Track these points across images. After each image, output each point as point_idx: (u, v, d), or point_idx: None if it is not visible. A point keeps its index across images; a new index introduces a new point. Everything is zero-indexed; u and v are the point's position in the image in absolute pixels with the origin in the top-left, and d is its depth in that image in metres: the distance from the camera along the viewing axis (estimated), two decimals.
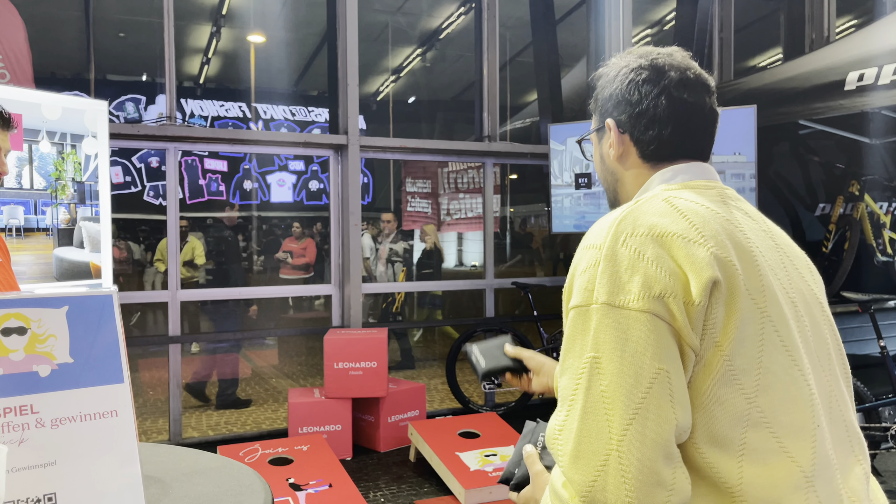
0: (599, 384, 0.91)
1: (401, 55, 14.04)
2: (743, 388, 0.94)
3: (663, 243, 0.96)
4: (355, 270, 5.30)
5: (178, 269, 5.00)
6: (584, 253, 1.00)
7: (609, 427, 0.89)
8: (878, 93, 4.10)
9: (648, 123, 1.12)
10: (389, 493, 3.99)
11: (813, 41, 5.88)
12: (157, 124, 4.94)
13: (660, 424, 0.89)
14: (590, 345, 0.93)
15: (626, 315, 0.92)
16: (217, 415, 5.92)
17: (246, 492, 1.21)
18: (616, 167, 1.19)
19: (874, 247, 5.76)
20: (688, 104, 1.12)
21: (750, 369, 0.95)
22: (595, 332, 0.93)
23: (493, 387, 5.36)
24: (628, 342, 0.91)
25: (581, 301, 0.96)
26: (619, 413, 0.89)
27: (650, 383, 0.90)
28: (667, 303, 0.92)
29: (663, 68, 1.13)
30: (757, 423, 0.94)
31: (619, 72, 1.16)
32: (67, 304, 1.00)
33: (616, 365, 0.91)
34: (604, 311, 0.93)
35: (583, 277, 0.98)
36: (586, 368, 0.93)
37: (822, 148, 5.97)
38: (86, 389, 1.00)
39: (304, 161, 14.81)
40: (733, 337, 0.94)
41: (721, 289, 0.95)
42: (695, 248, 0.96)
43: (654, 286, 0.93)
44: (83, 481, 0.97)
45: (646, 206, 1.02)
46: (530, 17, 6.52)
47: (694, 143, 1.14)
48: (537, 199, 16.61)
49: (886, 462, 4.30)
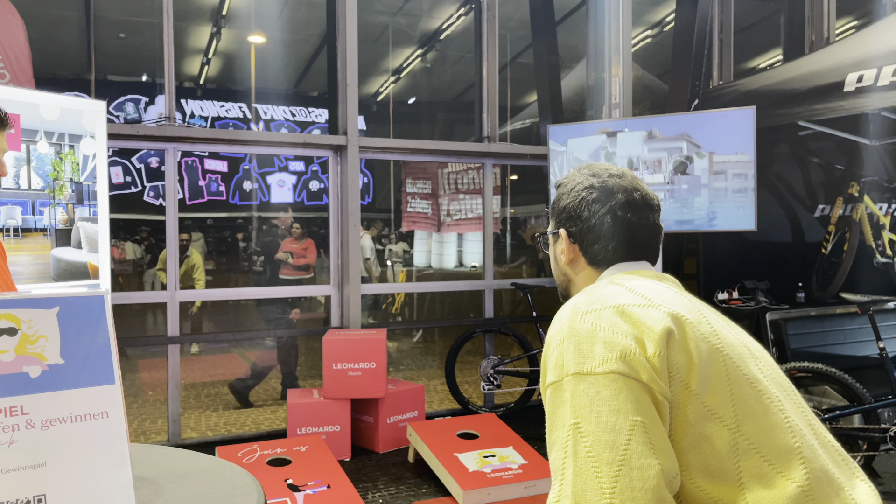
0: (584, 446, 0.97)
1: (401, 56, 14.04)
2: (724, 421, 1.02)
3: (617, 312, 1.06)
4: (354, 271, 5.30)
5: (177, 269, 5.00)
6: (551, 335, 1.11)
7: (600, 484, 0.94)
8: (878, 94, 4.10)
9: (595, 238, 1.27)
10: (388, 494, 3.99)
11: (813, 42, 5.88)
12: (156, 125, 4.94)
13: (644, 472, 0.94)
14: (569, 414, 1.00)
15: (595, 379, 1.00)
16: (216, 415, 5.92)
17: (239, 493, 1.21)
18: (567, 270, 1.34)
19: (873, 248, 5.75)
20: (631, 223, 1.26)
21: (724, 404, 1.03)
22: (571, 400, 1.00)
23: (492, 388, 5.36)
24: (601, 402, 0.98)
25: (554, 377, 1.05)
26: (606, 468, 0.94)
27: (629, 435, 0.96)
28: (629, 361, 1.01)
29: (612, 190, 1.27)
30: (747, 451, 1.01)
31: (575, 187, 1.30)
32: (59, 305, 1.00)
33: (595, 425, 0.97)
34: (575, 380, 1.01)
35: (552, 356, 1.07)
36: (570, 435, 0.99)
37: (821, 149, 5.96)
38: (76, 390, 0.99)
39: (304, 162, 14.82)
40: (699, 377, 1.03)
41: (675, 337, 1.04)
42: (647, 310, 1.07)
43: (614, 349, 1.02)
44: (74, 483, 0.97)
45: (598, 288, 1.15)
46: (530, 18, 6.51)
47: (634, 253, 1.27)
48: (537, 201, 16.62)
49: (885, 464, 4.29)
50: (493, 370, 5.34)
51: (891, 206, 5.96)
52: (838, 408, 3.85)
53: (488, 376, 5.34)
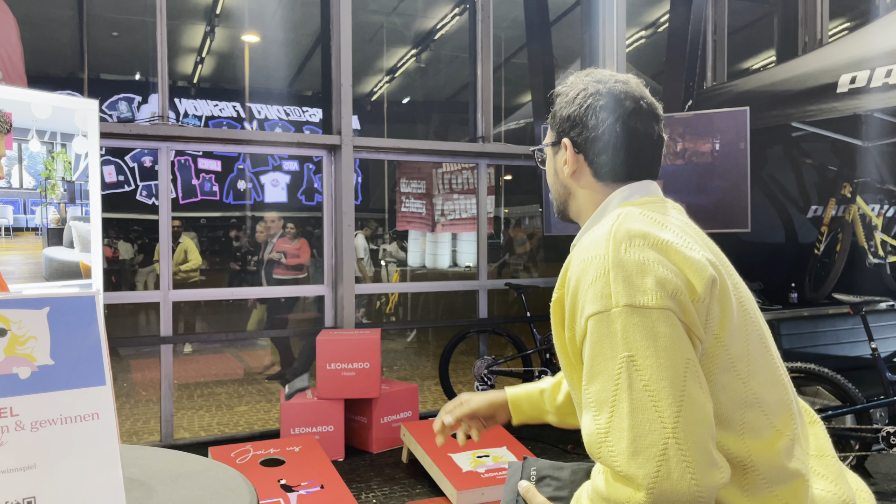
0: (640, 380, 0.95)
1: (395, 56, 14.03)
2: (739, 374, 1.05)
3: (661, 249, 1.03)
4: (348, 271, 5.29)
5: (170, 269, 4.98)
6: (587, 265, 1.04)
7: (661, 418, 0.93)
8: (871, 95, 4.11)
9: (603, 148, 1.22)
10: (381, 495, 3.98)
11: (806, 44, 5.90)
12: (149, 124, 4.92)
13: (702, 408, 0.95)
14: (620, 345, 0.97)
15: (649, 313, 0.98)
16: (209, 415, 5.90)
17: (231, 495, 1.20)
18: (569, 182, 1.28)
19: (866, 249, 5.77)
20: (639, 133, 1.22)
21: (742, 357, 1.06)
22: (623, 332, 0.98)
23: (486, 388, 5.35)
24: (658, 337, 0.97)
25: (600, 307, 1.00)
26: (668, 403, 0.93)
27: (685, 372, 0.96)
28: (679, 300, 1.00)
29: (620, 97, 1.21)
30: (751, 404, 1.05)
31: (579, 94, 1.25)
32: (49, 306, 0.99)
33: (653, 359, 0.95)
34: (627, 312, 0.98)
35: (595, 286, 1.02)
36: (623, 368, 0.96)
37: (814, 150, 5.98)
38: (67, 392, 0.98)
39: (298, 161, 14.79)
40: (728, 329, 1.04)
41: (716, 286, 1.04)
42: (689, 252, 1.04)
43: (666, 286, 1.00)
44: (63, 485, 0.96)
45: (631, 220, 1.09)
46: (525, 18, 6.51)
47: (643, 167, 1.23)
48: (531, 201, 16.62)
49: (878, 464, 4.30)
50: (487, 370, 5.34)
51: (883, 208, 5.99)
52: (831, 408, 3.86)
53: (482, 376, 5.34)
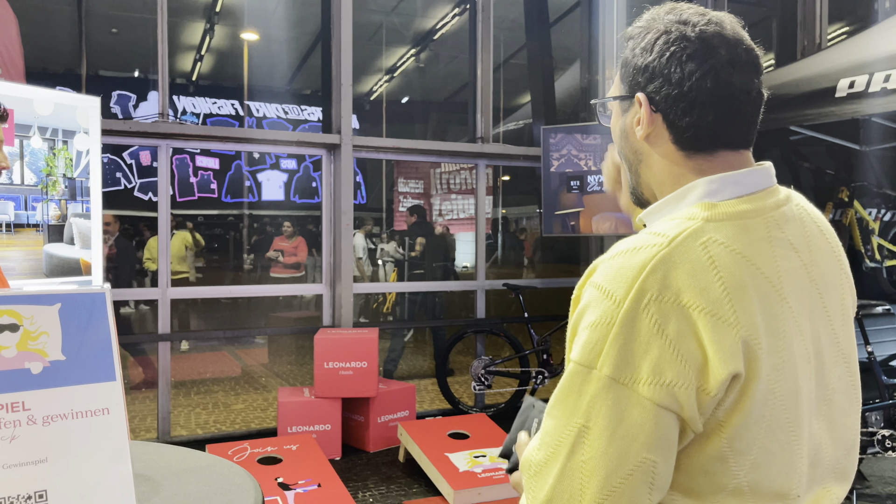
0: (582, 455, 0.87)
1: (394, 55, 14.04)
2: (730, 468, 0.90)
3: (689, 317, 0.85)
4: (346, 270, 5.30)
5: (169, 266, 4.98)
6: (600, 301, 0.89)
7: (581, 498, 0.86)
8: (869, 100, 4.13)
9: (688, 107, 0.96)
10: (378, 494, 3.99)
11: (804, 48, 5.92)
12: (149, 121, 4.92)
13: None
14: (582, 410, 0.87)
15: (629, 395, 0.85)
16: (206, 413, 5.90)
17: (236, 491, 1.21)
18: (642, 147, 1.03)
19: (863, 253, 5.80)
20: (735, 88, 0.96)
21: (747, 451, 0.90)
22: (591, 400, 0.87)
23: (483, 388, 5.37)
24: (622, 424, 0.85)
25: (583, 360, 0.88)
26: (593, 490, 0.85)
27: (632, 470, 0.85)
28: (675, 393, 0.85)
29: (712, 43, 0.95)
30: (736, 493, 0.91)
31: (659, 38, 0.98)
32: (60, 302, 1.00)
33: (603, 444, 0.86)
34: (606, 384, 0.86)
35: (592, 333, 0.88)
36: (573, 434, 0.88)
37: (812, 154, 6.01)
38: (78, 387, 0.99)
39: (296, 160, 14.78)
40: (739, 423, 0.88)
41: (739, 380, 0.87)
42: (723, 329, 0.86)
43: (665, 372, 0.84)
44: (74, 479, 0.97)
45: (681, 257, 0.89)
46: (525, 19, 6.53)
47: (736, 132, 0.99)
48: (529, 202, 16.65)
49: (872, 467, 4.33)
50: (485, 370, 5.35)
51: (880, 212, 6.02)
52: None
53: (479, 376, 5.35)
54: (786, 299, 0.93)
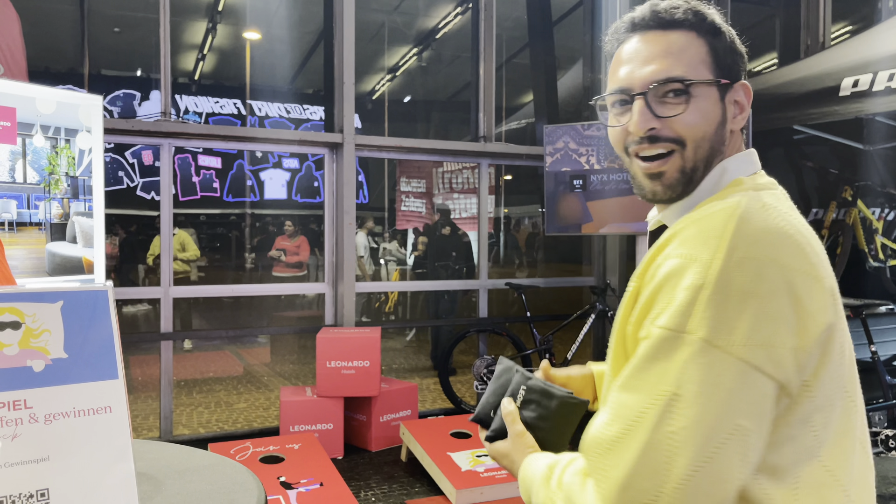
0: (671, 425, 0.82)
1: (397, 54, 14.04)
2: (814, 426, 0.89)
3: (785, 274, 0.85)
4: (349, 269, 5.29)
5: (171, 265, 4.99)
6: (686, 265, 0.86)
7: (668, 471, 0.81)
8: (873, 99, 4.12)
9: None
10: (380, 493, 3.99)
11: (808, 47, 5.91)
12: (152, 120, 4.92)
13: (720, 483, 0.82)
14: (672, 378, 0.83)
15: (724, 359, 0.82)
16: (208, 412, 5.91)
17: (239, 490, 1.21)
18: (730, 137, 1.04)
19: (866, 252, 5.78)
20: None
21: (823, 407, 0.90)
22: (683, 366, 0.83)
23: (485, 387, 5.36)
24: (717, 390, 0.82)
25: (674, 325, 0.85)
26: (685, 461, 0.81)
27: (725, 439, 0.82)
28: (772, 353, 0.83)
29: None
30: (811, 456, 0.90)
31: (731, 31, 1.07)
32: (62, 300, 0.99)
33: (697, 412, 0.82)
34: (700, 347, 0.83)
35: (681, 296, 0.85)
36: (661, 402, 0.83)
37: (815, 153, 5.99)
38: (80, 385, 0.99)
39: (298, 159, 14.79)
40: (821, 377, 0.88)
41: (831, 332, 0.88)
42: (815, 285, 0.87)
43: (763, 330, 0.83)
44: (76, 477, 0.96)
45: (755, 216, 0.89)
46: (527, 18, 6.53)
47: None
48: (532, 201, 16.64)
49: (877, 467, 4.30)
50: (487, 370, 5.35)
51: (884, 211, 6.00)
52: None
53: (482, 376, 5.35)
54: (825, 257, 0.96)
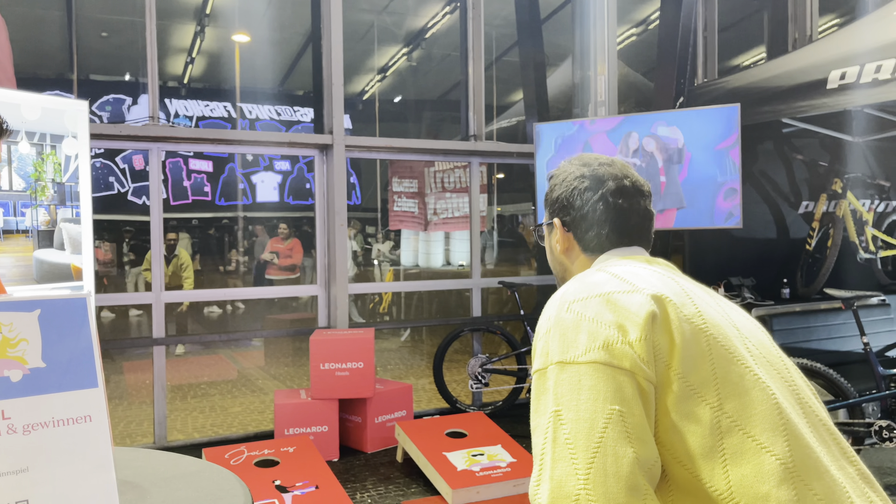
0: (563, 433, 0.99)
1: (386, 54, 14.02)
2: (706, 399, 1.03)
3: (602, 300, 1.08)
4: (341, 271, 5.28)
5: (163, 270, 4.96)
6: (540, 325, 1.13)
7: (576, 470, 0.96)
8: (860, 91, 4.13)
9: (588, 225, 1.31)
10: (377, 494, 3.98)
11: (796, 40, 5.92)
12: (139, 124, 4.90)
13: (618, 459, 0.96)
14: (551, 401, 1.02)
15: (577, 368, 1.02)
16: (202, 416, 5.88)
17: (225, 496, 1.20)
18: (563, 259, 1.37)
19: (857, 244, 5.80)
20: (622, 208, 1.30)
21: (707, 382, 1.04)
22: (554, 388, 1.03)
23: (480, 386, 5.36)
24: (581, 390, 1.01)
25: (539, 365, 1.07)
26: (582, 455, 0.97)
27: (605, 424, 0.98)
28: (611, 350, 1.03)
29: (602, 177, 1.31)
30: (730, 429, 1.02)
31: (566, 178, 1.35)
32: (40, 308, 0.98)
33: (574, 413, 1.00)
34: (558, 368, 1.04)
35: (539, 345, 1.10)
36: (550, 422, 1.01)
37: (805, 146, 6.01)
38: (58, 394, 0.98)
39: (290, 161, 14.76)
40: (681, 357, 1.04)
41: (658, 320, 1.06)
42: (631, 296, 1.09)
43: (597, 338, 1.04)
44: (56, 488, 0.95)
45: (586, 276, 1.17)
46: (516, 16, 6.52)
47: (630, 240, 1.32)
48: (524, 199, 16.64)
49: (870, 458, 4.33)
50: (481, 369, 5.34)
51: (874, 203, 6.02)
52: (824, 402, 3.88)
53: (476, 375, 5.34)
54: (682, 283, 1.17)
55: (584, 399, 1.00)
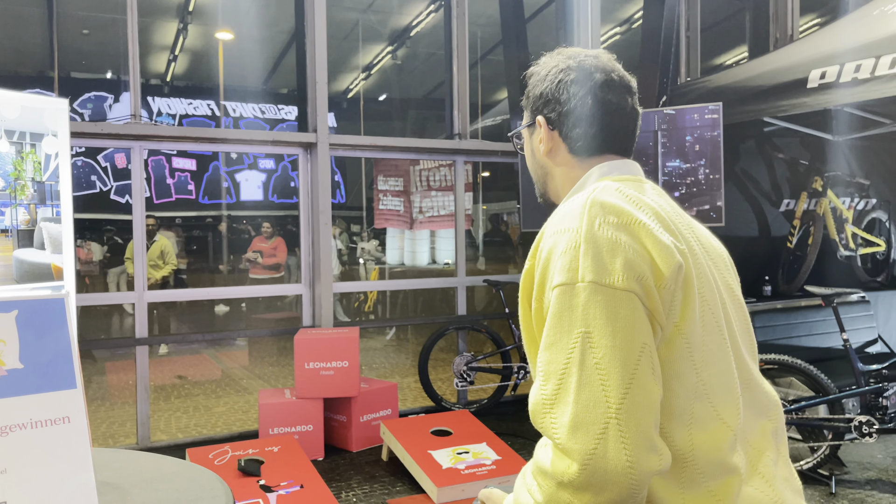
0: (593, 357, 0.95)
1: (371, 53, 13.98)
2: (694, 363, 1.04)
3: (632, 231, 1.02)
4: (326, 269, 5.27)
5: (145, 269, 4.92)
6: (560, 236, 1.04)
7: (606, 397, 0.93)
8: (840, 90, 4.18)
9: (575, 122, 1.22)
10: (362, 493, 3.97)
11: (777, 40, 5.97)
12: (121, 122, 4.85)
13: (649, 393, 0.95)
14: (579, 320, 0.97)
15: (613, 293, 0.97)
16: (186, 417, 5.85)
17: (206, 497, 1.19)
18: (546, 161, 1.28)
19: (837, 242, 5.87)
20: (611, 104, 1.21)
21: (697, 346, 1.04)
22: (584, 308, 0.98)
23: (465, 384, 5.36)
24: (618, 318, 0.96)
25: (566, 279, 1.00)
26: (615, 384, 0.93)
27: (639, 356, 0.96)
28: (644, 284, 0.99)
29: (590, 70, 1.21)
30: (700, 395, 1.04)
31: (550, 71, 1.24)
32: (17, 309, 0.97)
33: (609, 339, 0.95)
34: (591, 289, 0.98)
35: (564, 258, 1.01)
36: (577, 343, 0.97)
37: (786, 145, 6.07)
38: (37, 396, 0.97)
39: (274, 159, 14.69)
40: (689, 318, 1.03)
41: (681, 273, 1.03)
42: (660, 235, 1.03)
43: (634, 268, 0.99)
44: (35, 489, 0.94)
45: (607, 194, 1.08)
46: (500, 15, 6.52)
47: (618, 141, 1.23)
48: (509, 197, 16.67)
49: (850, 453, 4.38)
50: (467, 367, 5.35)
51: (854, 201, 6.09)
52: (804, 398, 3.92)
53: (461, 373, 5.35)
54: (684, 232, 1.13)
55: (619, 327, 0.96)
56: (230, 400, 6.40)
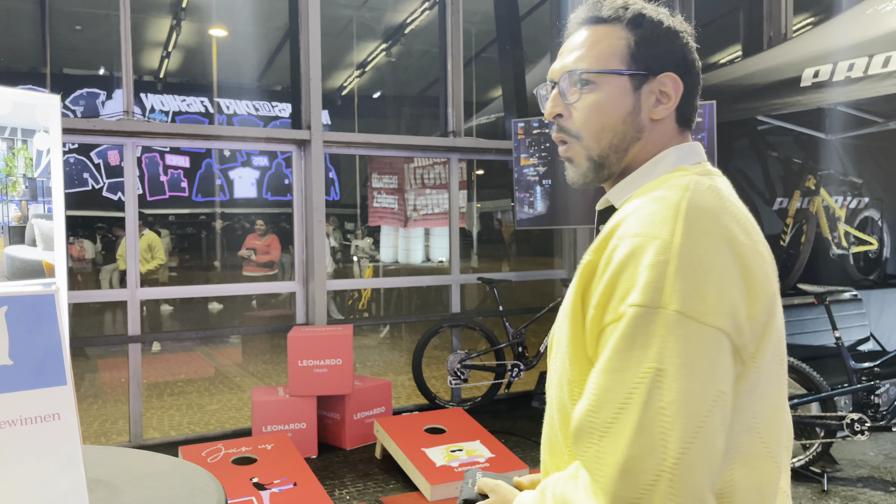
0: (660, 400, 0.83)
1: (365, 50, 13.96)
2: (755, 395, 0.92)
3: (735, 250, 0.89)
4: (319, 267, 5.25)
5: (137, 267, 4.90)
6: (645, 242, 0.89)
7: (665, 447, 0.82)
8: (834, 89, 4.19)
9: (695, 88, 1.08)
10: (355, 491, 3.97)
11: (771, 38, 5.99)
12: (114, 119, 4.83)
13: (713, 450, 0.84)
14: (653, 354, 0.85)
15: (699, 330, 0.85)
16: (179, 414, 5.83)
17: (199, 494, 1.19)
18: (647, 125, 1.07)
19: (830, 240, 5.89)
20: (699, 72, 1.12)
21: (763, 377, 0.93)
22: (662, 340, 0.85)
23: (459, 382, 5.36)
24: (697, 358, 0.84)
25: (647, 301, 0.86)
26: (679, 434, 0.82)
27: (711, 406, 0.84)
28: (736, 318, 0.87)
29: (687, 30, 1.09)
30: (750, 429, 0.92)
31: (672, 27, 1.07)
32: (6, 305, 0.96)
33: (683, 383, 0.83)
34: (675, 320, 0.85)
35: (648, 274, 0.87)
36: (646, 379, 0.84)
37: (779, 143, 6.08)
38: (26, 392, 0.96)
39: (268, 157, 14.65)
40: (764, 347, 0.91)
41: (776, 301, 0.92)
42: (760, 259, 0.92)
43: (727, 299, 0.86)
44: (25, 486, 0.94)
45: (703, 198, 0.93)
46: (495, 12, 6.52)
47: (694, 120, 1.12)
48: (503, 195, 16.68)
49: (843, 451, 4.40)
50: (460, 365, 5.35)
51: (846, 199, 6.11)
52: (796, 396, 3.94)
53: (455, 371, 5.35)
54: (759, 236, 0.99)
55: (698, 370, 0.84)
56: (223, 398, 6.39)
